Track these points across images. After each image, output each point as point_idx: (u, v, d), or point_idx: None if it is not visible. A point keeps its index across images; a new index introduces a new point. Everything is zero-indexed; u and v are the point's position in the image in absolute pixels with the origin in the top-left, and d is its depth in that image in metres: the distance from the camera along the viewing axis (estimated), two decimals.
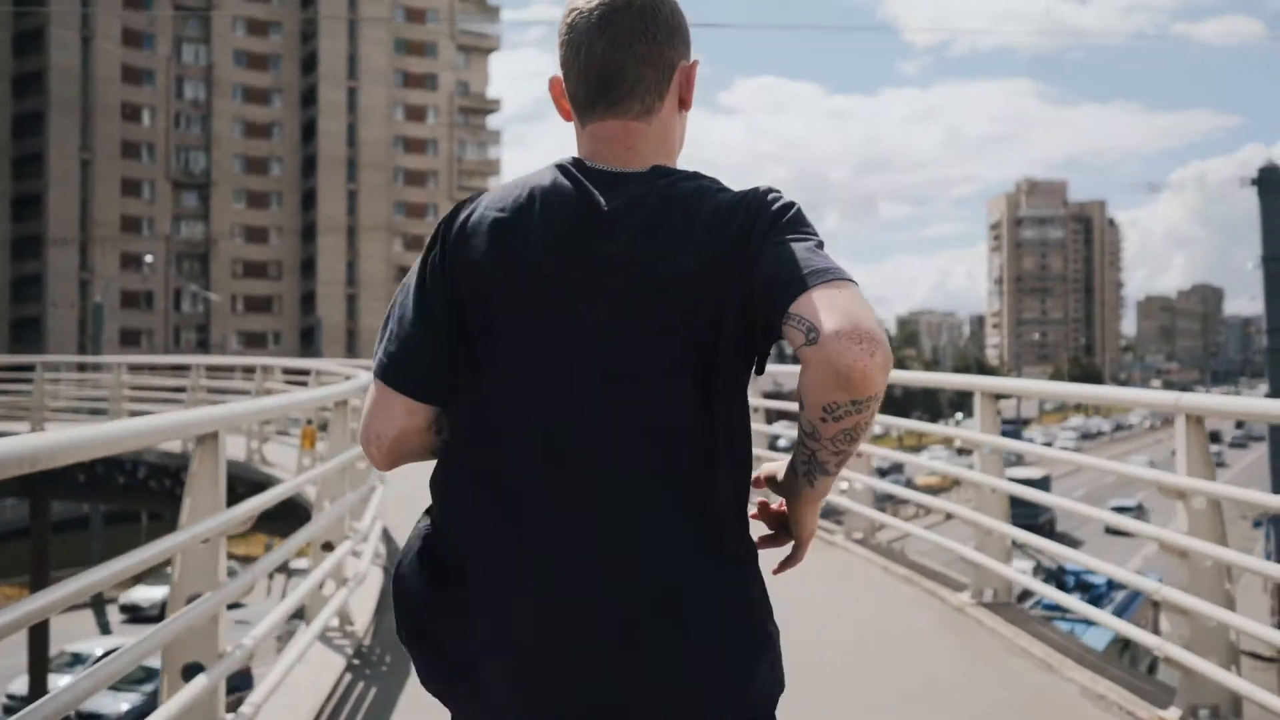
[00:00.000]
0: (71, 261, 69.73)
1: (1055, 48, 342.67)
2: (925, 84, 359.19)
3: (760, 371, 1.62)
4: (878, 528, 8.55)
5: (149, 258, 56.64)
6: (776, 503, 1.69)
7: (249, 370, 17.90)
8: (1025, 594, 10.01)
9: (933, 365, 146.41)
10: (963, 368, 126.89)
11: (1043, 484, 39.51)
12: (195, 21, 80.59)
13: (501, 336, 1.59)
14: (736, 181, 1.61)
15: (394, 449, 1.67)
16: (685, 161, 1.74)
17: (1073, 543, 38.55)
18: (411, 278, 1.67)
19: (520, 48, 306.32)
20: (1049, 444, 75.53)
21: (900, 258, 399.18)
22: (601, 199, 1.59)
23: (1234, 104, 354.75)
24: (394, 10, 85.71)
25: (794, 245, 1.50)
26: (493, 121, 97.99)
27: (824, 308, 1.41)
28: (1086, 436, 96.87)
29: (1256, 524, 36.54)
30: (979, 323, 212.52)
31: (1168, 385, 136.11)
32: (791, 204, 1.57)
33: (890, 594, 7.02)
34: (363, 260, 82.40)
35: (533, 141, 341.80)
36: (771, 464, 1.67)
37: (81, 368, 27.82)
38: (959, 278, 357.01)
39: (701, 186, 1.60)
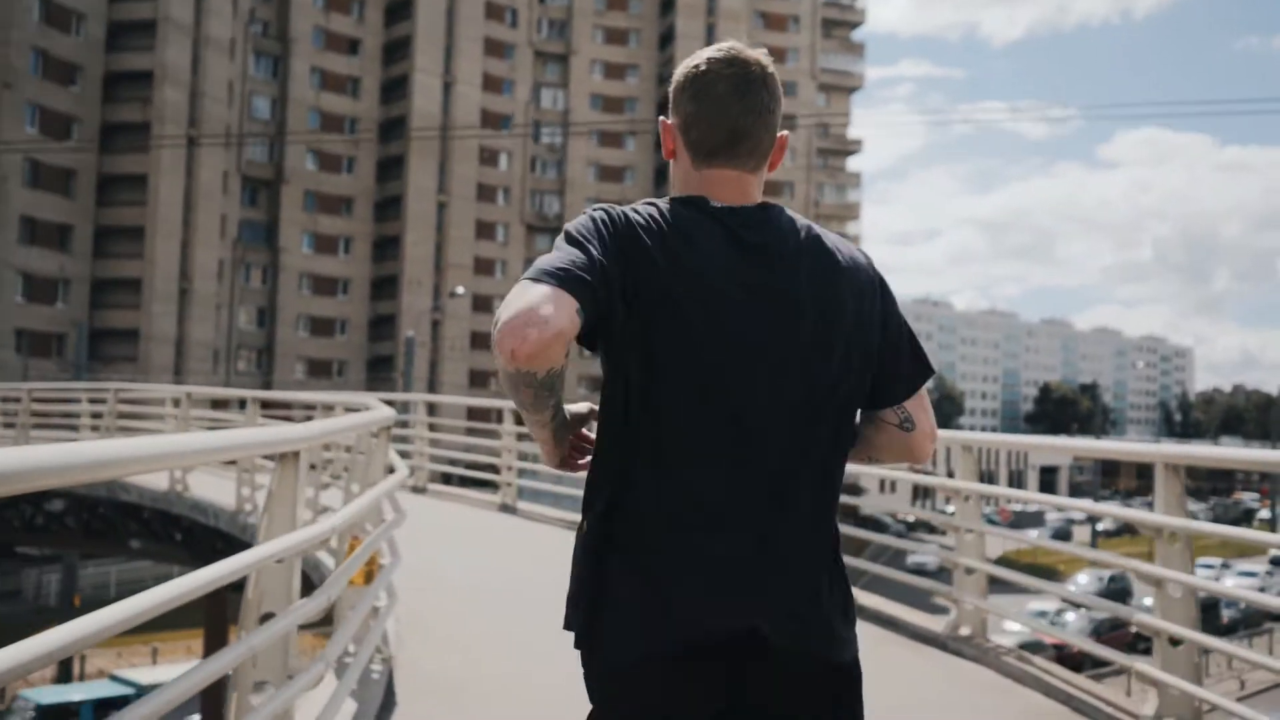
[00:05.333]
0: (425, 301, 70.34)
1: None
2: None
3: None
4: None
5: (460, 289, 55.53)
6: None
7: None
8: None
9: None
10: None
11: None
12: (554, 66, 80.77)
13: (678, 331, 1.81)
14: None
15: (553, 342, 1.65)
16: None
17: None
18: (583, 234, 1.80)
19: (888, 103, 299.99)
20: None
21: None
22: (743, 231, 1.89)
23: None
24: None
25: (911, 332, 2.03)
26: (853, 164, 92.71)
27: (920, 410, 2.02)
28: None
29: None
30: None
31: None
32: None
33: None
34: None
35: (896, 198, 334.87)
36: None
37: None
38: None
39: (833, 238, 1.97)
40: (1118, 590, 41.59)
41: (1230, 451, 6.69)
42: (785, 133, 1.99)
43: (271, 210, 69.90)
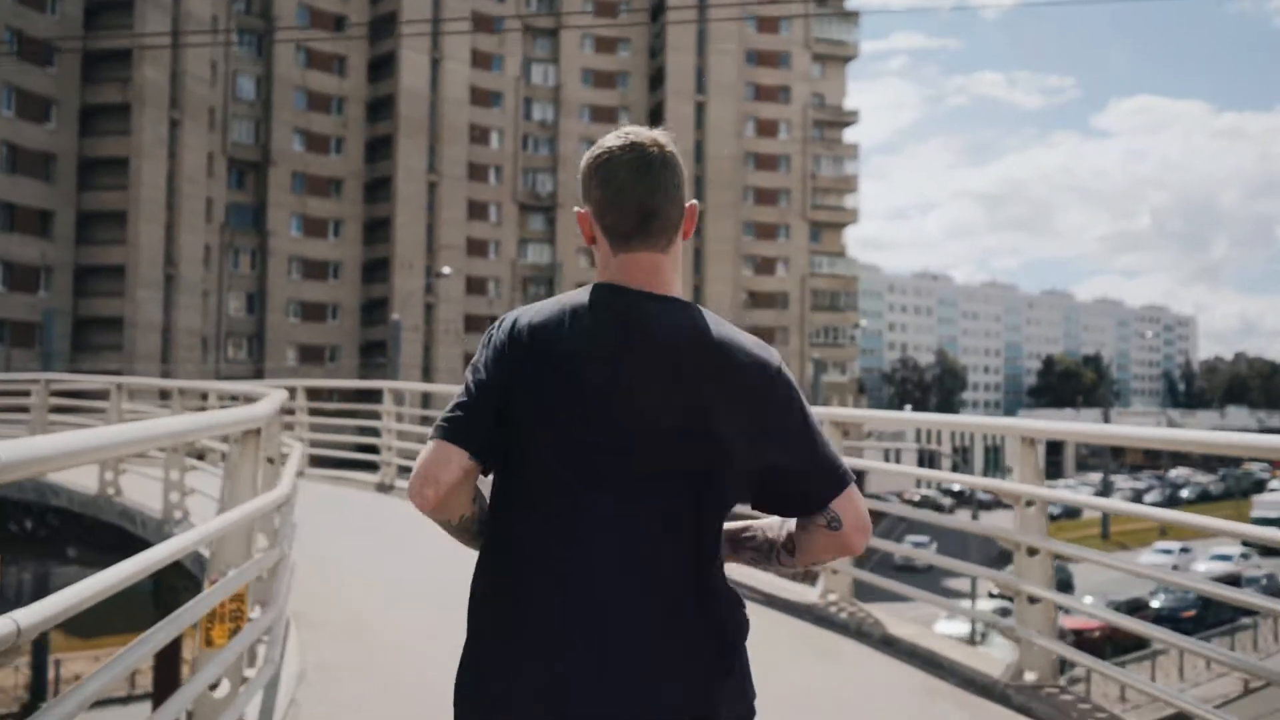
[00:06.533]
0: (418, 284, 68.92)
1: None
2: None
3: (744, 502, 2.01)
4: None
5: (447, 270, 54.16)
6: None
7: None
8: None
9: None
10: None
11: None
12: (544, 41, 79.09)
13: (544, 430, 1.91)
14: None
15: (447, 497, 1.91)
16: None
17: None
18: (476, 362, 1.99)
19: (881, 76, 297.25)
20: None
21: None
22: (636, 320, 1.94)
23: None
24: (745, 20, 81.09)
25: (815, 441, 1.97)
26: (849, 135, 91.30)
27: (845, 508, 1.96)
28: None
29: None
30: None
31: None
32: (797, 389, 1.98)
33: None
34: (709, 283, 77.71)
35: (891, 172, 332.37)
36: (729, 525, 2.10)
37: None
38: None
39: (729, 334, 1.98)
40: (1059, 581, 39.77)
41: None
42: (694, 201, 2.08)
43: (259, 193, 68.38)
